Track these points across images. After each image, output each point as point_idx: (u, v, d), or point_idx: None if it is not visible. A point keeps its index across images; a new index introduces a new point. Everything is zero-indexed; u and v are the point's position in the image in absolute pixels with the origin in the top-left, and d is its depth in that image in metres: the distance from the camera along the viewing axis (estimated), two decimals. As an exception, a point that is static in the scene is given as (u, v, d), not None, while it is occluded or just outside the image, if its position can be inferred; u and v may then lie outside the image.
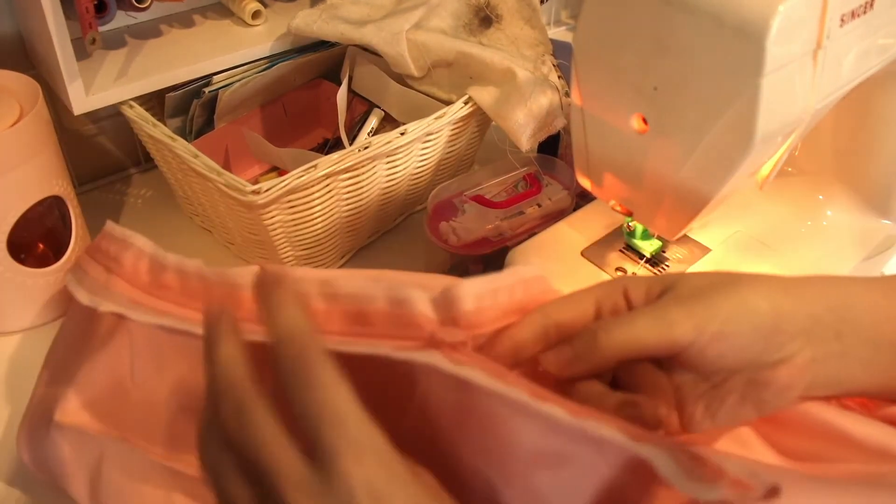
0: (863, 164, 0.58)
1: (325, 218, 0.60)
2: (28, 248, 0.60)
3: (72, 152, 0.72)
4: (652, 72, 0.40)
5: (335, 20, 0.68)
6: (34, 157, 0.53)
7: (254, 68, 0.69)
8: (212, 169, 0.55)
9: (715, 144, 0.39)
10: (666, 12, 0.38)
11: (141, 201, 0.75)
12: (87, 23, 0.58)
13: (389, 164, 0.62)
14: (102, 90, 0.61)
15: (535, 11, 0.68)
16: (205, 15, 0.73)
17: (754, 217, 0.59)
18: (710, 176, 0.41)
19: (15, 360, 0.57)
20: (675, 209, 0.44)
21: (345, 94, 0.72)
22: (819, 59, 0.39)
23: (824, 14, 0.38)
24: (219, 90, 0.66)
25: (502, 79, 0.64)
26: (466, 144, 0.71)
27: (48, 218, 0.60)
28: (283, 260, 0.62)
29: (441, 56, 0.66)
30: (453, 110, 0.63)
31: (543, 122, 0.64)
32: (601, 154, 0.47)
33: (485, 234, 0.61)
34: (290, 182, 0.54)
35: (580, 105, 0.46)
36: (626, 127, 0.43)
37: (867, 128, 0.56)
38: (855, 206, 0.59)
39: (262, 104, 0.73)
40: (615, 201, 0.49)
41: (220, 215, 0.62)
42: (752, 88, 0.36)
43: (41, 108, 0.54)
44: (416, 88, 0.69)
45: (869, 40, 0.43)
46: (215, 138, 0.69)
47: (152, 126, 0.60)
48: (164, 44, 0.68)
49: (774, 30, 0.35)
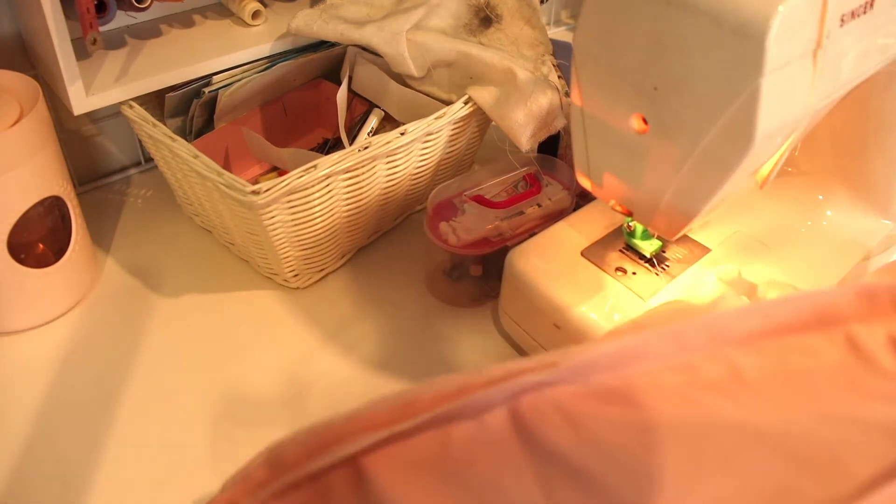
0: (863, 164, 0.58)
1: (325, 218, 0.60)
2: (28, 248, 0.60)
3: (72, 152, 0.72)
4: (652, 72, 0.40)
5: (335, 20, 0.68)
6: (34, 157, 0.53)
7: (254, 68, 0.69)
8: (212, 169, 0.55)
9: (715, 144, 0.39)
10: (666, 12, 0.38)
11: (141, 201, 0.75)
12: (87, 23, 0.58)
13: (389, 164, 0.62)
14: (102, 90, 0.61)
15: (535, 11, 0.68)
16: (205, 15, 0.73)
17: (754, 217, 0.59)
18: (709, 176, 0.41)
19: (15, 360, 0.57)
20: (675, 209, 0.44)
21: (345, 94, 0.72)
22: (819, 59, 0.39)
23: (824, 14, 0.38)
24: (219, 90, 0.66)
25: (502, 79, 0.64)
26: (466, 144, 0.71)
27: (48, 218, 0.60)
28: (283, 260, 0.62)
29: (441, 56, 0.66)
30: (453, 110, 0.63)
31: (543, 123, 0.64)
32: (601, 154, 0.47)
33: (485, 234, 0.61)
34: (291, 182, 0.54)
35: (580, 105, 0.46)
36: (626, 127, 0.43)
37: (867, 128, 0.56)
38: (855, 206, 0.59)
39: (262, 104, 0.73)
40: (615, 201, 0.49)
41: (220, 215, 0.62)
42: (751, 88, 0.36)
43: (41, 108, 0.54)
44: (416, 88, 0.69)
45: (869, 40, 0.43)
46: (215, 138, 0.69)
47: (152, 126, 0.60)
48: (164, 44, 0.68)
49: (774, 30, 0.35)
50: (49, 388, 0.54)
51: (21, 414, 0.53)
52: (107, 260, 0.67)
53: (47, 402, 0.53)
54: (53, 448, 0.51)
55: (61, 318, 0.61)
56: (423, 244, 0.71)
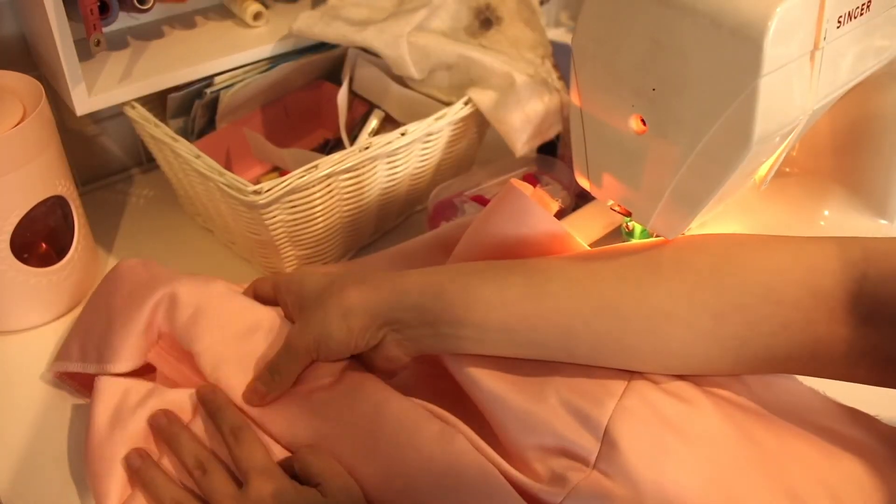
0: (860, 164, 0.58)
1: (326, 218, 0.60)
2: (31, 247, 0.60)
3: (74, 152, 0.72)
4: (650, 73, 0.40)
5: (336, 22, 0.68)
6: (37, 157, 0.54)
7: (255, 69, 0.69)
8: (213, 169, 0.55)
9: (713, 145, 0.39)
10: (664, 14, 0.38)
11: (143, 201, 0.75)
12: (91, 24, 0.59)
13: (390, 164, 0.62)
14: (105, 91, 0.61)
15: (535, 13, 0.68)
16: (206, 16, 0.73)
17: (752, 217, 0.60)
18: (708, 176, 0.41)
19: (18, 359, 0.57)
20: (674, 209, 0.45)
21: (345, 94, 0.72)
22: (816, 60, 0.39)
23: (821, 15, 0.38)
24: (220, 91, 0.67)
25: (501, 83, 0.64)
26: (466, 145, 0.71)
27: (51, 217, 0.60)
28: (284, 259, 0.62)
29: (441, 59, 0.66)
30: (453, 111, 0.63)
31: (540, 128, 0.64)
32: (600, 154, 0.47)
33: (485, 234, 0.61)
34: (292, 182, 0.54)
35: (579, 106, 0.46)
36: (625, 127, 0.43)
37: (864, 128, 0.56)
38: (852, 206, 0.59)
39: (264, 105, 0.74)
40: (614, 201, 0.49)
41: (222, 215, 0.62)
42: (750, 89, 0.37)
43: (44, 108, 0.54)
44: (417, 90, 0.69)
45: (866, 41, 0.43)
46: (217, 139, 0.69)
47: (154, 126, 0.60)
48: (166, 45, 0.68)
49: (772, 31, 0.35)
50: (50, 388, 0.54)
51: (22, 413, 0.53)
52: (109, 259, 0.68)
53: (49, 402, 0.54)
54: (54, 448, 0.51)
55: (64, 317, 0.61)
56: (424, 244, 0.71)
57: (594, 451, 0.39)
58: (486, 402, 0.43)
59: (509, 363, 0.43)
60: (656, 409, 0.40)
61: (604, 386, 0.41)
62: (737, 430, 0.40)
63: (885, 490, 0.39)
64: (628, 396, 0.40)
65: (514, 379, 0.43)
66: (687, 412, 0.40)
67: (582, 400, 0.40)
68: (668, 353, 0.41)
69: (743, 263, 0.40)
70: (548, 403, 0.41)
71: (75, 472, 0.49)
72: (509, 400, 0.41)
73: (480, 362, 0.43)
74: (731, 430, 0.40)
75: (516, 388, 0.42)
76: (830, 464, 0.40)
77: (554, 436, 0.40)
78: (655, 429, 0.39)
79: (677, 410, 0.40)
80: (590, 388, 0.41)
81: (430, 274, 0.43)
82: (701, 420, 0.40)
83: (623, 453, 0.38)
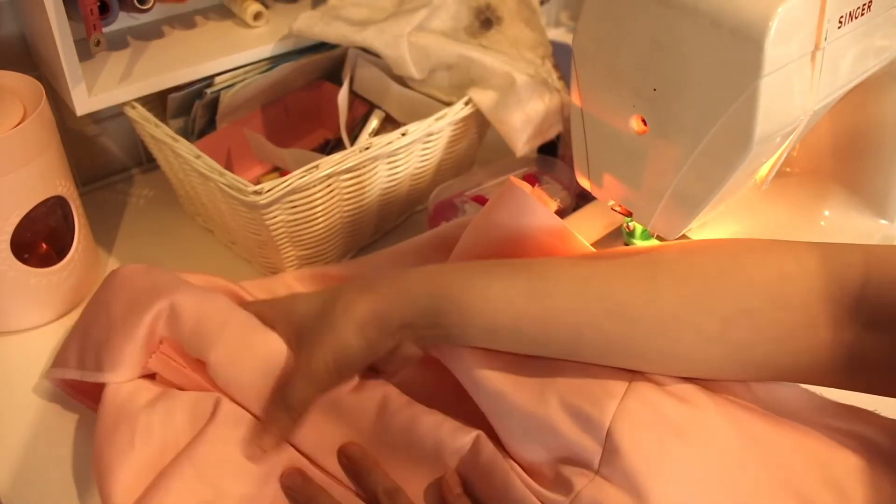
0: (861, 165, 0.58)
1: (326, 218, 0.60)
2: (31, 247, 0.60)
3: (75, 152, 0.72)
4: (651, 73, 0.40)
5: (337, 22, 0.68)
6: (37, 157, 0.54)
7: (255, 69, 0.69)
8: (214, 169, 0.55)
9: (714, 145, 0.40)
10: (665, 14, 0.38)
11: (143, 201, 0.75)
12: (91, 25, 0.59)
13: (390, 164, 0.62)
14: (105, 91, 0.61)
15: (535, 13, 0.68)
16: (206, 16, 0.73)
17: (753, 217, 0.60)
18: (708, 176, 0.41)
19: (18, 360, 0.57)
20: (675, 209, 0.45)
21: (346, 95, 0.72)
22: (817, 60, 0.39)
23: (822, 15, 0.38)
24: (220, 91, 0.67)
25: (501, 83, 0.64)
26: (467, 145, 0.71)
27: (51, 218, 0.60)
28: (284, 259, 0.62)
29: (442, 59, 0.66)
30: (454, 111, 0.63)
31: (540, 129, 0.64)
32: (601, 155, 0.47)
33: (485, 234, 0.61)
34: (292, 182, 0.54)
35: (580, 106, 0.46)
36: (626, 128, 0.43)
37: (865, 128, 0.56)
38: (853, 206, 0.59)
39: (264, 105, 0.74)
40: (615, 201, 0.49)
41: (222, 215, 0.62)
42: (750, 90, 0.37)
43: (44, 108, 0.54)
44: (417, 90, 0.69)
45: (867, 41, 0.43)
46: (217, 139, 0.69)
47: (155, 126, 0.60)
48: (166, 45, 0.68)
49: (773, 31, 0.35)
50: (51, 389, 0.54)
51: (23, 414, 0.53)
52: (109, 260, 0.68)
53: (49, 402, 0.54)
54: (54, 448, 0.51)
55: (64, 317, 0.61)
56: (424, 244, 0.71)
57: (597, 455, 0.39)
58: (489, 405, 0.43)
59: (511, 363, 0.43)
60: (658, 410, 0.40)
61: (605, 386, 0.41)
62: (739, 430, 0.40)
63: (891, 480, 0.39)
64: (630, 397, 0.40)
65: (516, 379, 0.43)
66: (688, 413, 0.40)
67: (584, 401, 0.40)
68: (675, 355, 0.41)
69: (751, 268, 0.41)
70: (550, 406, 0.41)
71: (76, 473, 0.49)
72: (512, 402, 0.42)
73: (482, 363, 0.43)
74: (733, 430, 0.40)
75: (518, 389, 0.42)
76: (834, 459, 0.40)
77: (557, 439, 0.40)
78: (657, 431, 0.39)
79: (679, 412, 0.40)
80: (591, 388, 0.41)
81: (436, 274, 0.43)
82: (703, 421, 0.40)
83: (625, 457, 0.38)
